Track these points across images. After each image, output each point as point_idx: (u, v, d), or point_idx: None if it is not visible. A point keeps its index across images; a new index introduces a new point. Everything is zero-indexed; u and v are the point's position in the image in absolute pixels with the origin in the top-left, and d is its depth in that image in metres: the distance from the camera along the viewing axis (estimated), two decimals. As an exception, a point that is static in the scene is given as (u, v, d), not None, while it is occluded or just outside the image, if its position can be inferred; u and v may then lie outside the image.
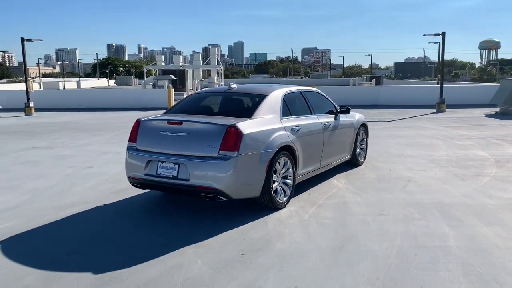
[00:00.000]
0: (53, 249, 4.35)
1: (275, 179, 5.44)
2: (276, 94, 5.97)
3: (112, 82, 78.24)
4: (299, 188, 6.32)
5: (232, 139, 4.90)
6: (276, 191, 5.46)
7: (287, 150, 5.62)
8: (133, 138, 5.52)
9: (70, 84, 58.31)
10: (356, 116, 7.97)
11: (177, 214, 5.39)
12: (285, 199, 5.61)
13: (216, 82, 45.66)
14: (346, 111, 7.27)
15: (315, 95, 7.06)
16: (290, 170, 5.71)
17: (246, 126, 5.11)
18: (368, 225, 4.93)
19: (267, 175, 5.20)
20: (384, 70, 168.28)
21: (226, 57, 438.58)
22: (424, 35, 22.79)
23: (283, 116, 5.80)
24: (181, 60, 46.96)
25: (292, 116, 6.00)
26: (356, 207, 5.60)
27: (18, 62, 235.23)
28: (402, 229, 4.77)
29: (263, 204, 5.36)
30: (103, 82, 75.52)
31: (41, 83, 50.81)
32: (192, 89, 34.03)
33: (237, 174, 4.90)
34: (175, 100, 24.43)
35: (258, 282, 3.58)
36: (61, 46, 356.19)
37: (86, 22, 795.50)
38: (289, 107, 6.06)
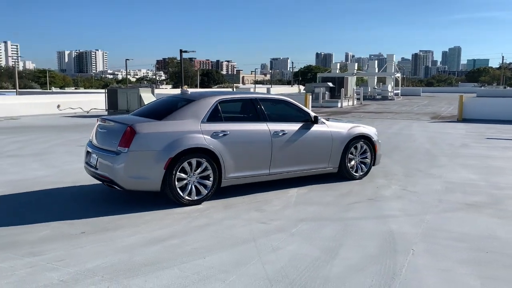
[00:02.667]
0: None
1: (184, 178, 5.87)
2: (207, 101, 6.31)
3: (302, 88, 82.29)
4: (253, 190, 6.59)
5: (126, 137, 5.59)
6: (184, 188, 5.88)
7: (205, 152, 5.97)
8: (92, 132, 6.69)
9: (261, 89, 64.07)
10: (347, 126, 7.50)
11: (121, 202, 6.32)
12: (196, 197, 5.96)
13: (389, 90, 44.05)
14: (314, 121, 7.03)
15: (277, 103, 7.12)
16: (210, 172, 6.03)
17: (144, 127, 5.71)
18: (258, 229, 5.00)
19: (167, 173, 5.69)
20: None
21: (439, 63, 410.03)
22: None
23: (208, 121, 6.14)
24: (355, 68, 46.72)
25: (223, 122, 6.25)
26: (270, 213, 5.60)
27: (236, 70, 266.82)
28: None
29: (171, 198, 5.87)
30: (294, 89, 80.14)
31: (234, 89, 57.62)
32: (350, 96, 33.81)
33: (127, 168, 5.56)
34: (311, 107, 25.03)
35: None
36: (275, 56, 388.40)
37: (298, 33, 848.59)
38: (222, 113, 6.33)
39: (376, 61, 48.43)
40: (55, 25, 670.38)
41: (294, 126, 6.86)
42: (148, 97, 22.24)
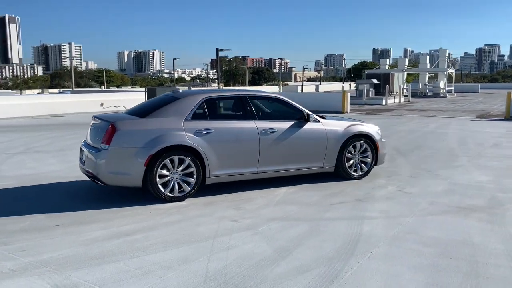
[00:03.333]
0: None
1: (167, 175, 5.98)
2: (191, 99, 6.38)
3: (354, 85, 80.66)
4: (238, 188, 6.63)
5: (107, 135, 5.79)
6: (167, 185, 5.99)
7: (187, 150, 6.05)
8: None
9: (309, 87, 63.55)
10: (344, 125, 7.30)
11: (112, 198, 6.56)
12: (178, 194, 6.06)
13: (441, 86, 42.19)
14: (307, 119, 6.90)
15: (269, 101, 7.04)
16: (193, 169, 6.10)
17: (125, 125, 5.89)
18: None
19: (148, 169, 5.83)
20: None
21: (506, 58, 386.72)
22: None
23: (192, 119, 6.21)
24: (406, 64, 44.96)
25: (208, 120, 6.30)
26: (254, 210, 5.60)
27: (289, 67, 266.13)
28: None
29: (153, 195, 6.01)
30: (345, 86, 78.67)
31: (280, 87, 57.62)
32: (396, 93, 32.72)
33: (107, 163, 5.76)
34: (350, 104, 24.50)
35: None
36: (330, 52, 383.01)
37: (352, 28, 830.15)
38: (208, 111, 6.38)
39: (427, 57, 46.45)
40: (116, 26, 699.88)
41: (285, 124, 6.78)
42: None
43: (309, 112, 7.06)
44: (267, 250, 4.37)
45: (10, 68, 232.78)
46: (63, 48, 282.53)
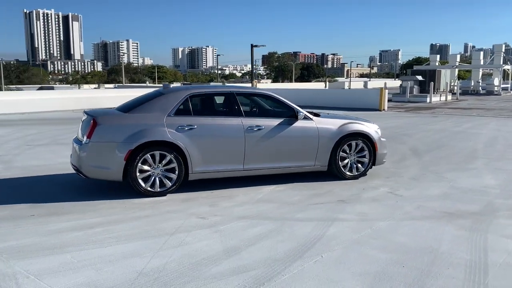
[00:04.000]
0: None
1: (148, 170, 6.04)
2: (176, 95, 6.39)
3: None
4: (227, 185, 6.61)
5: (89, 129, 5.93)
6: (147, 180, 6.05)
7: (168, 145, 6.07)
8: None
9: (357, 84, 62.15)
10: (339, 123, 7.04)
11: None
12: (159, 189, 6.10)
13: (495, 83, 39.91)
14: (297, 117, 6.72)
15: (259, 98, 6.94)
16: (175, 165, 6.12)
17: (106, 120, 6.01)
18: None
19: (127, 164, 5.92)
20: None
21: None
22: None
23: (175, 115, 6.22)
24: (457, 60, 42.88)
25: (192, 116, 6.29)
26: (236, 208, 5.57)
27: (341, 63, 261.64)
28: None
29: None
30: (397, 82, 76.28)
31: (326, 83, 56.79)
32: (442, 91, 31.29)
33: (88, 157, 5.90)
34: (388, 101, 23.70)
35: None
36: (385, 48, 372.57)
37: (408, 23, 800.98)
38: (193, 107, 6.37)
39: (481, 53, 44.05)
40: (171, 23, 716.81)
41: (273, 122, 6.65)
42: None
43: (300, 110, 6.89)
44: (217, 249, 4.31)
45: (72, 64, 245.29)
46: (121, 45, 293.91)
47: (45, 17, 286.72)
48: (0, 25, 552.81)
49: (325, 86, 57.29)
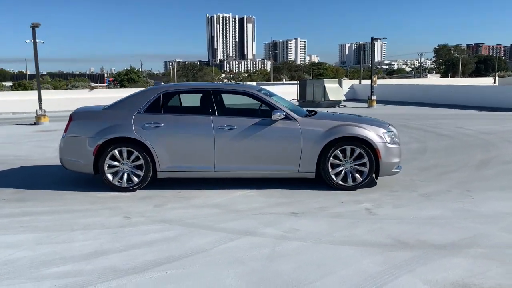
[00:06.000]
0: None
1: (117, 165, 6.22)
2: (148, 92, 6.41)
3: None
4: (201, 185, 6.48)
5: (67, 123, 6.39)
6: (116, 175, 6.24)
7: (134, 142, 6.16)
8: None
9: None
10: (330, 124, 6.14)
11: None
12: (126, 185, 6.22)
13: None
14: (274, 117, 6.12)
15: (236, 96, 6.57)
16: (141, 162, 6.19)
17: (80, 115, 6.41)
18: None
19: (96, 158, 6.20)
20: None
21: None
22: None
23: (145, 112, 6.24)
24: None
25: (161, 114, 6.23)
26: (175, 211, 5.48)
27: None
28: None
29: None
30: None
31: (496, 78, 49.90)
32: None
33: (64, 150, 6.39)
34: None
35: None
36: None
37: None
38: (163, 104, 6.30)
39: None
40: (336, 19, 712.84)
41: (249, 121, 6.19)
42: (333, 88, 22.10)
43: (282, 108, 6.26)
44: (102, 248, 4.24)
45: (245, 63, 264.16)
46: (290, 44, 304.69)
47: (224, 21, 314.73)
48: (187, 29, 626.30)
49: (494, 82, 50.28)
